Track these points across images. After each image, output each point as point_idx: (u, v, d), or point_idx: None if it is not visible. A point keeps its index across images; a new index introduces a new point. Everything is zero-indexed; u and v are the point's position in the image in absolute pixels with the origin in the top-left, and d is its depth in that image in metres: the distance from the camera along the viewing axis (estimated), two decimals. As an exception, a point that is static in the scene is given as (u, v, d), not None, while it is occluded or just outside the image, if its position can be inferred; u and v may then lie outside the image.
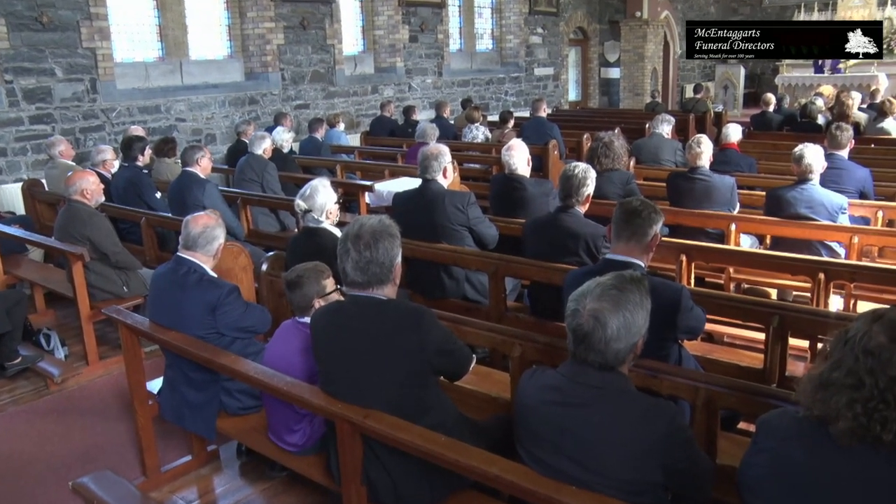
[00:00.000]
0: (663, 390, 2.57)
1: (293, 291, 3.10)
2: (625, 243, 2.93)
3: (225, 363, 3.04)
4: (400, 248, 2.55)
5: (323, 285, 3.11)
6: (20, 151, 8.01)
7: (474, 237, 4.58)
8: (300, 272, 3.12)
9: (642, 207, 2.95)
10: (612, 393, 2.05)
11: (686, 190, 5.46)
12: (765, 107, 10.50)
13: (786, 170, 6.16)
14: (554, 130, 9.29)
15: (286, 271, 3.25)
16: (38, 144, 8.02)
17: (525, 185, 5.12)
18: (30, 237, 5.70)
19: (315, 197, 3.92)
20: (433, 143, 7.51)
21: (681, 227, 5.24)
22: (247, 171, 6.91)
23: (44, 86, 8.11)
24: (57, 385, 4.78)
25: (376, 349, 2.46)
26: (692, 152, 5.47)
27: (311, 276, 3.10)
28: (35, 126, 8.08)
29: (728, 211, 5.31)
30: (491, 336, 3.09)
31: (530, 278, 4.20)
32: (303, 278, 3.09)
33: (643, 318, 2.08)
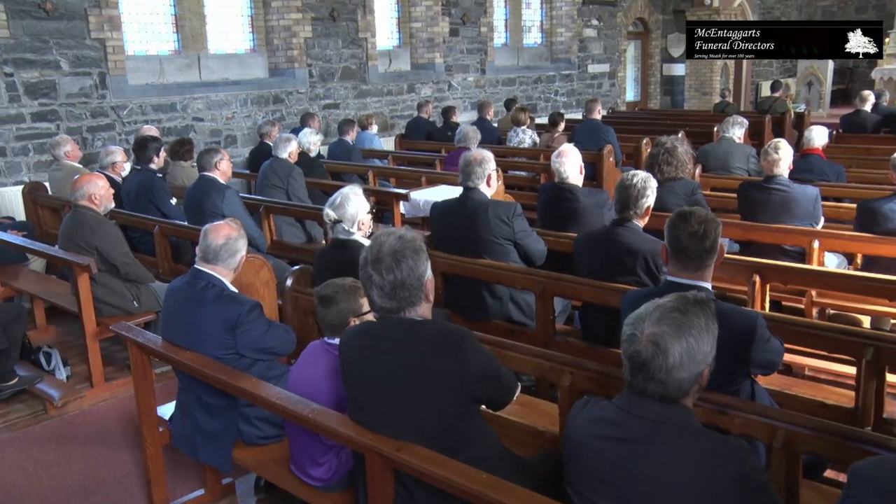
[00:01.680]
0: (734, 429, 2.54)
1: (327, 308, 3.14)
2: (692, 271, 2.94)
3: (244, 387, 3.10)
4: (428, 262, 2.57)
5: (360, 304, 3.14)
6: (21, 151, 8.18)
7: (520, 252, 4.60)
8: (336, 287, 3.16)
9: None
10: (674, 428, 2.04)
11: (761, 202, 5.41)
12: (860, 105, 10.29)
13: (882, 178, 6.06)
14: (609, 134, 9.27)
15: (314, 286, 3.30)
16: (41, 144, 8.20)
17: (577, 196, 5.13)
18: (31, 245, 5.82)
19: (346, 206, 3.98)
20: (475, 147, 7.55)
21: (754, 244, 5.19)
22: (270, 176, 7.03)
23: (48, 80, 8.29)
24: (57, 409, 4.86)
25: (411, 374, 2.49)
26: (768, 159, 5.42)
27: (348, 292, 3.14)
28: (38, 124, 8.26)
29: (810, 226, 5.24)
30: (538, 362, 3.09)
31: (582, 299, 4.19)
32: (339, 294, 3.13)
33: (709, 345, 2.08)
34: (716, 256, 2.96)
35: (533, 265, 4.61)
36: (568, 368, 2.97)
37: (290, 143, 7.16)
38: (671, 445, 2.02)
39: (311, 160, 7.90)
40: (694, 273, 2.94)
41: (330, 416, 2.76)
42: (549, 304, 4.19)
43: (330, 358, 3.06)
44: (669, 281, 2.99)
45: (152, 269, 5.79)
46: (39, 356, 5.36)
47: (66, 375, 5.30)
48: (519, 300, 4.55)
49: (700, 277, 2.93)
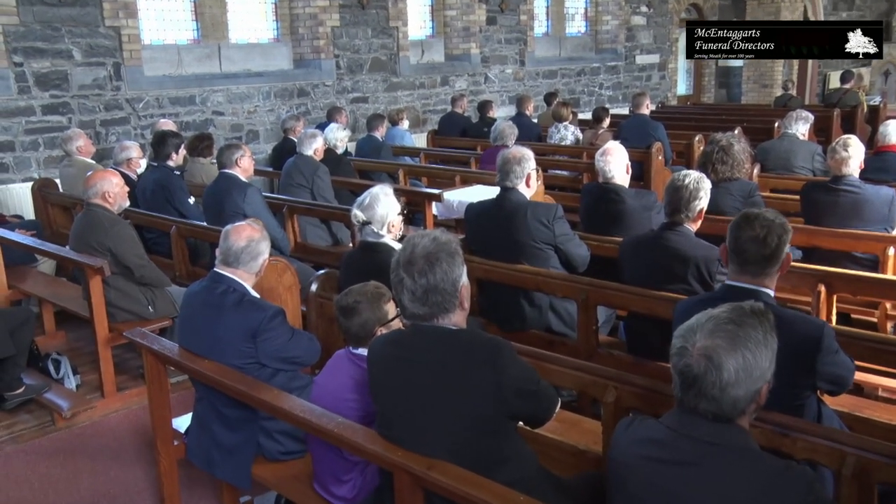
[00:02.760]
0: (797, 453, 2.51)
1: (349, 319, 3.16)
2: (752, 276, 2.92)
3: (265, 399, 3.13)
4: (463, 266, 2.59)
5: (384, 311, 3.16)
6: (31, 146, 8.31)
7: (561, 258, 4.60)
8: (357, 296, 3.18)
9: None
10: (729, 451, 2.03)
11: (827, 204, 5.34)
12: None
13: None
14: (659, 131, 9.22)
15: (339, 293, 3.32)
16: (51, 138, 8.32)
17: (623, 197, 5.12)
18: (40, 246, 5.92)
19: (375, 206, 4.01)
20: (513, 145, 7.56)
21: (819, 251, 5.12)
22: (294, 174, 7.10)
23: (59, 70, 8.40)
24: (65, 420, 4.92)
25: (444, 388, 2.50)
26: (836, 157, 5.35)
27: (371, 300, 3.16)
28: (49, 117, 8.38)
29: (884, 230, 5.16)
30: (579, 376, 3.09)
31: (628, 308, 4.19)
32: (361, 303, 3.15)
33: (767, 360, 2.06)
34: (779, 264, 2.93)
35: (575, 272, 4.60)
36: (612, 383, 2.97)
37: (316, 139, 7.21)
38: (725, 469, 2.01)
39: (338, 157, 7.95)
40: (754, 278, 2.92)
41: (356, 430, 2.78)
42: (591, 313, 4.18)
43: (355, 369, 3.09)
44: (728, 285, 2.98)
45: (168, 272, 5.86)
46: (48, 364, 5.43)
47: (76, 384, 5.37)
48: (559, 309, 4.54)
49: (761, 283, 2.92)
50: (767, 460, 2.03)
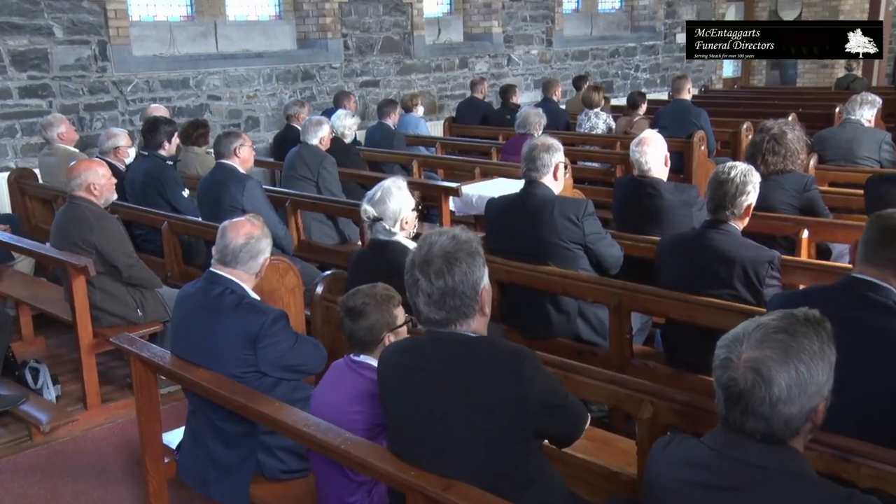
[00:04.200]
0: (861, 481, 2.47)
1: (356, 322, 3.18)
2: (878, 271, 2.93)
3: (266, 411, 3.15)
4: (485, 268, 2.60)
5: (393, 315, 3.18)
6: (7, 132, 8.36)
7: (591, 258, 4.60)
8: (365, 297, 3.19)
9: None
10: (781, 475, 2.01)
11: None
12: None
13: None
14: (701, 118, 9.19)
15: (341, 297, 3.34)
16: (30, 124, 8.38)
17: (661, 192, 5.11)
18: (17, 243, 5.94)
19: (387, 201, 4.03)
20: (539, 134, 7.56)
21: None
22: (298, 165, 7.12)
23: (38, 49, 8.43)
24: (44, 435, 4.93)
25: (462, 401, 2.51)
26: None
27: (380, 302, 3.18)
28: (27, 100, 8.42)
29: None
30: (612, 389, 3.09)
31: (665, 315, 4.18)
32: (369, 306, 3.16)
33: (825, 374, 2.04)
34: None
35: (606, 274, 4.60)
36: (648, 398, 2.96)
37: (322, 127, 7.23)
38: (776, 497, 1.99)
39: (346, 147, 7.98)
40: (879, 272, 2.93)
41: (365, 447, 2.80)
42: (625, 320, 4.18)
43: (357, 379, 3.11)
44: (853, 277, 2.98)
45: (160, 271, 5.89)
46: (25, 372, 5.44)
47: (56, 395, 5.39)
48: (589, 315, 4.54)
49: (885, 278, 2.92)
50: (825, 487, 2.01)
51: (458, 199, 7.05)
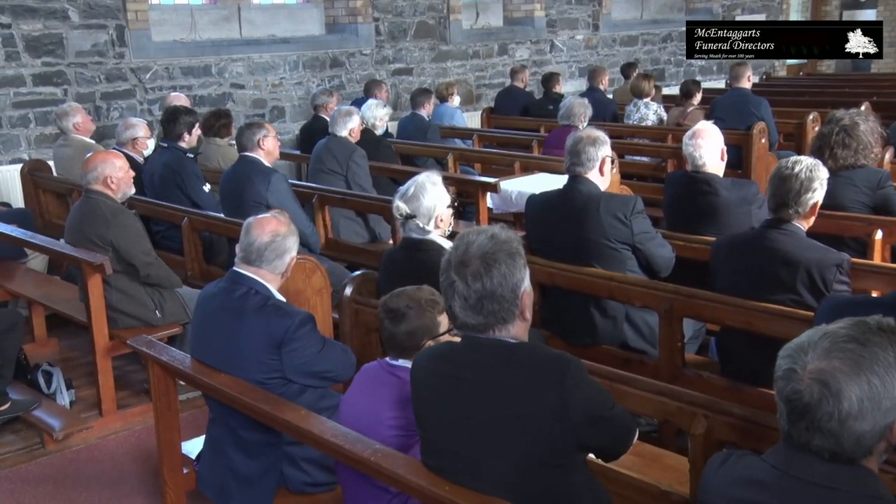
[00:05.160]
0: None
1: (396, 325, 3.18)
2: None
3: (290, 420, 3.16)
4: (526, 270, 2.60)
5: (437, 322, 3.17)
6: (20, 122, 8.48)
7: (640, 260, 4.59)
8: (409, 300, 3.19)
9: None
10: (852, 497, 1.98)
11: None
12: None
13: None
14: (762, 108, 9.10)
15: (379, 296, 3.35)
16: (44, 113, 8.50)
17: (716, 188, 5.07)
18: (30, 239, 6.00)
19: (421, 197, 4.03)
20: (585, 126, 7.53)
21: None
22: (326, 158, 7.15)
23: (53, 34, 8.55)
24: (57, 443, 4.98)
25: (500, 411, 2.51)
26: None
27: (424, 307, 3.18)
28: (41, 88, 8.55)
29: None
30: (662, 401, 3.07)
31: (721, 322, 4.15)
32: (412, 310, 3.16)
33: (903, 388, 2.03)
34: None
35: (656, 276, 4.59)
36: (702, 411, 2.94)
37: (351, 117, 7.25)
38: (847, 521, 1.97)
39: (377, 139, 8.00)
40: None
41: (397, 459, 2.80)
42: (676, 327, 4.15)
43: (394, 383, 3.11)
44: None
45: (179, 270, 5.94)
46: (37, 376, 5.50)
47: (70, 401, 5.45)
48: (637, 321, 4.53)
49: None
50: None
51: (496, 196, 7.05)
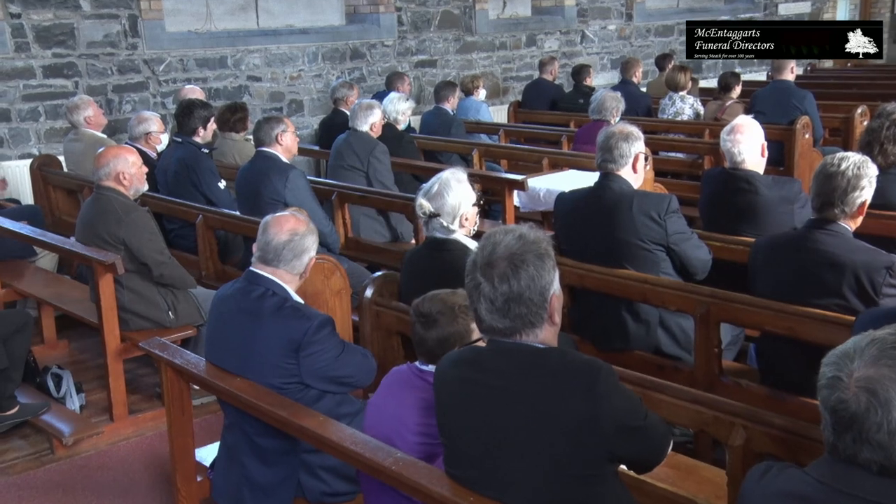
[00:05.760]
0: None
1: (427, 330, 3.18)
2: None
3: (308, 427, 3.17)
4: (555, 272, 2.59)
5: (469, 329, 3.16)
6: (29, 115, 8.53)
7: (675, 261, 4.57)
8: (441, 305, 3.19)
9: None
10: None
11: None
12: None
13: None
14: (806, 101, 9.03)
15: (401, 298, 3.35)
16: (54, 106, 8.55)
17: (756, 186, 5.05)
18: (38, 236, 6.05)
19: (445, 195, 4.03)
20: (617, 120, 7.51)
21: None
22: (346, 154, 7.17)
23: (64, 24, 8.59)
24: (66, 448, 5.02)
25: (528, 420, 2.51)
26: None
27: (457, 313, 3.17)
28: (51, 80, 8.59)
29: None
30: (698, 410, 3.07)
31: (760, 327, 4.13)
32: (444, 315, 3.16)
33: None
34: None
35: (692, 279, 4.57)
36: (740, 421, 2.93)
37: (373, 111, 7.26)
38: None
39: (399, 134, 8.01)
40: None
41: (419, 469, 2.80)
42: (713, 332, 4.13)
43: (422, 389, 3.11)
44: None
45: (193, 270, 5.97)
46: (47, 379, 5.54)
47: (80, 405, 5.49)
48: (672, 326, 4.52)
49: None
50: None
51: (523, 194, 7.05)
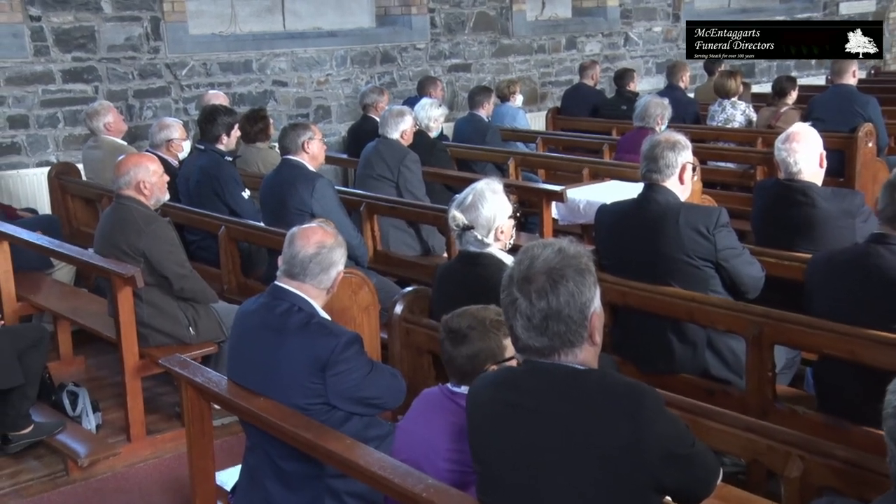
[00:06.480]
0: None
1: (456, 347, 3.19)
2: None
3: (335, 450, 3.17)
4: (596, 288, 2.58)
5: (502, 345, 3.17)
6: (48, 122, 8.63)
7: (724, 279, 4.54)
8: (472, 320, 3.20)
9: None
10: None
11: None
12: None
13: None
14: (869, 107, 8.94)
15: (433, 315, 3.34)
16: (73, 112, 8.65)
17: (814, 199, 5.01)
18: (55, 248, 6.10)
19: (479, 207, 4.04)
20: (663, 128, 7.49)
21: None
22: (375, 163, 7.19)
23: (85, 26, 8.69)
24: (82, 469, 5.04)
25: (566, 446, 2.50)
26: None
27: (488, 328, 3.17)
28: (71, 85, 8.69)
29: None
30: (750, 439, 3.04)
31: (818, 350, 4.10)
32: (475, 331, 3.17)
33: None
34: None
35: (743, 298, 4.53)
36: (797, 451, 2.91)
37: (404, 118, 7.29)
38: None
39: (432, 142, 8.04)
40: None
41: (451, 496, 2.79)
42: (766, 354, 4.10)
43: (454, 412, 3.11)
44: None
45: (216, 284, 6.00)
46: (62, 397, 5.58)
47: (96, 424, 5.53)
48: (721, 347, 4.49)
49: None
50: None
51: (562, 206, 7.04)
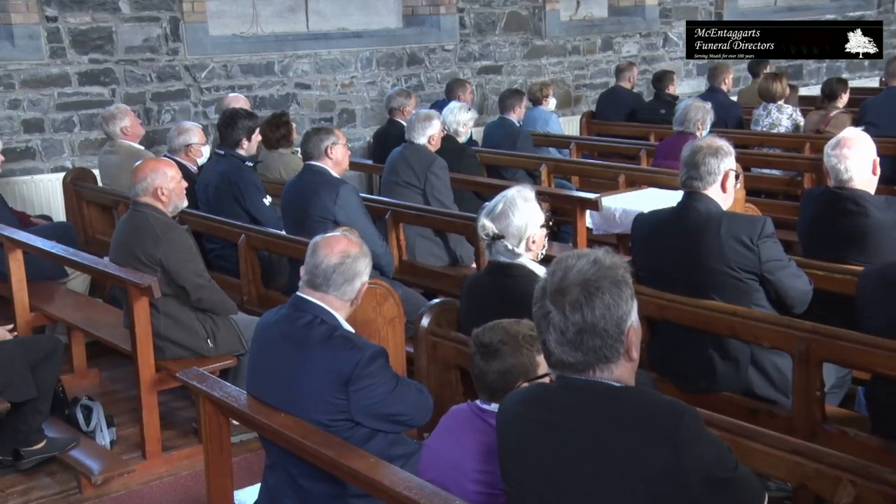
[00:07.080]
0: None
1: (487, 362, 3.19)
2: None
3: (358, 469, 3.17)
4: (633, 302, 2.58)
5: (535, 362, 3.16)
6: (63, 126, 8.72)
7: (769, 292, 4.52)
8: (504, 334, 3.20)
9: None
10: None
11: None
12: None
13: None
14: (927, 110, 8.93)
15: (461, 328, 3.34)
16: (90, 116, 8.73)
17: (866, 208, 4.97)
18: (70, 256, 6.09)
19: (510, 215, 4.03)
20: (704, 133, 7.46)
21: None
22: (402, 169, 7.21)
23: (102, 27, 8.78)
24: (95, 487, 5.06)
25: (600, 467, 2.49)
26: None
27: (521, 343, 3.17)
28: (87, 88, 8.78)
29: None
30: (797, 462, 3.02)
31: (871, 369, 4.06)
32: (507, 345, 3.17)
33: None
34: None
35: (789, 312, 4.51)
36: (848, 476, 2.88)
37: (431, 122, 7.30)
38: None
39: (460, 148, 8.05)
40: None
41: (480, 519, 2.79)
42: (814, 373, 4.07)
43: (485, 430, 3.10)
44: None
45: (235, 294, 6.02)
46: (76, 411, 5.61)
47: (111, 440, 5.56)
48: (766, 365, 4.46)
49: None
50: None
51: (597, 214, 7.02)
